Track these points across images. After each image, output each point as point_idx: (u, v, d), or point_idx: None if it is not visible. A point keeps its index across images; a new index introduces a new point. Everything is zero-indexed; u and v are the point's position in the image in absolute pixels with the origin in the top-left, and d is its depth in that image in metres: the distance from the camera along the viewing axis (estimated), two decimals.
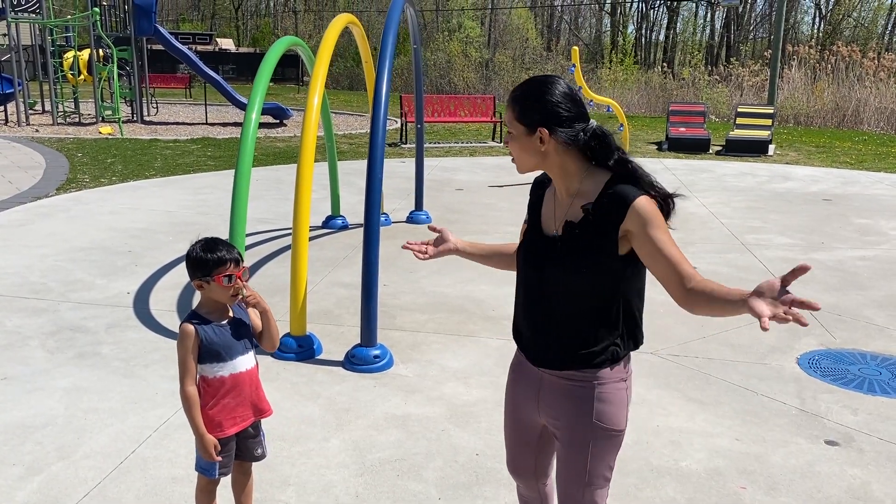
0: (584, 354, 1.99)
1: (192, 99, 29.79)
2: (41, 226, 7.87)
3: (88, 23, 17.47)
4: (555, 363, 2.04)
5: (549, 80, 1.97)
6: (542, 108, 1.93)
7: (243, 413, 2.58)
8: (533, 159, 2.01)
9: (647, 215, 1.89)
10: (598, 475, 2.06)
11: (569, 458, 2.07)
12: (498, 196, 10.27)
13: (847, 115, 21.60)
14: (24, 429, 3.63)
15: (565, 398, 2.05)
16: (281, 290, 5.81)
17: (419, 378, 4.33)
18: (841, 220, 9.00)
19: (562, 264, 1.98)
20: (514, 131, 2.00)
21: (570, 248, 1.97)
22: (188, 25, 59.24)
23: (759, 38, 46.18)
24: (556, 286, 2.00)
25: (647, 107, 26.64)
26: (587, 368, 2.00)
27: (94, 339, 4.83)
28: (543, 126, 1.94)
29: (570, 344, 2.00)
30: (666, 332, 5.13)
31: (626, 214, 1.90)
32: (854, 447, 3.62)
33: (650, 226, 1.89)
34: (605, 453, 2.05)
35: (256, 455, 2.71)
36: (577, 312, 1.99)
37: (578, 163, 1.99)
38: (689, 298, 1.86)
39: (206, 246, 2.47)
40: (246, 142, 4.86)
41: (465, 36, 38.85)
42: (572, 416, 2.04)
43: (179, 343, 2.47)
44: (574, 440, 2.05)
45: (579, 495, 2.08)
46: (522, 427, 2.24)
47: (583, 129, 1.96)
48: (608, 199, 1.93)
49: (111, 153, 13.53)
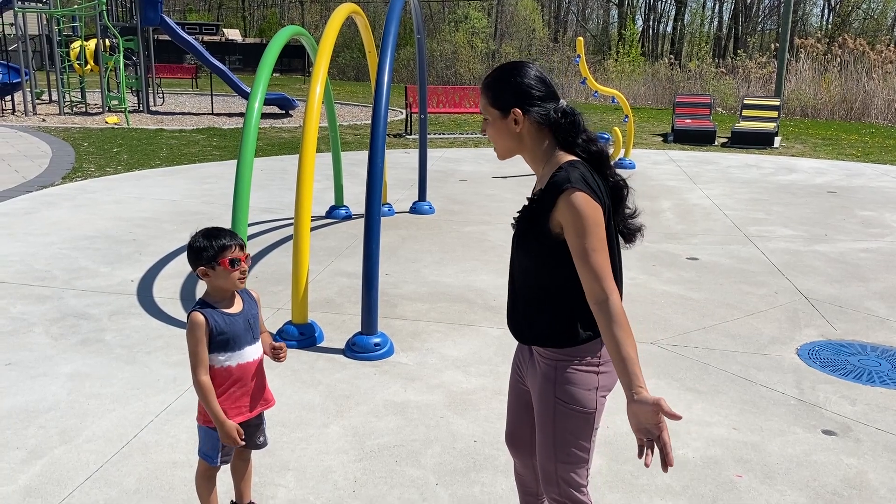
0: (537, 332, 2.09)
1: (198, 89, 29.84)
2: (47, 214, 7.92)
3: (95, 13, 17.49)
4: (518, 336, 2.18)
5: (519, 64, 2.06)
6: (515, 89, 2.02)
7: (248, 403, 2.59)
8: (509, 142, 2.08)
9: (573, 213, 1.91)
10: (568, 451, 2.09)
11: (539, 431, 2.14)
12: (501, 187, 10.28)
13: (854, 108, 21.50)
14: (28, 413, 3.68)
15: (536, 372, 2.14)
16: (284, 278, 5.85)
17: (419, 366, 4.36)
18: (845, 212, 8.98)
19: (516, 246, 2.11)
20: (489, 117, 2.08)
21: (520, 230, 2.08)
22: (195, 16, 59.22)
23: (767, 31, 45.93)
24: (515, 266, 2.15)
25: (654, 98, 26.55)
26: (550, 347, 2.07)
27: (98, 326, 4.87)
28: (517, 106, 2.02)
29: (526, 321, 2.12)
30: (666, 322, 5.14)
31: (556, 203, 1.95)
32: (851, 437, 3.63)
33: (573, 226, 1.92)
34: (572, 431, 2.07)
35: (258, 443, 2.74)
36: (531, 292, 2.09)
37: (548, 146, 2.06)
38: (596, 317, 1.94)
39: (207, 234, 2.49)
40: (249, 130, 4.88)
41: (472, 27, 38.77)
42: (539, 390, 2.12)
43: (190, 333, 2.44)
44: (540, 413, 2.12)
45: (552, 469, 2.13)
46: (520, 397, 2.33)
47: (553, 108, 2.03)
48: (548, 185, 1.99)
49: (117, 143, 13.57)
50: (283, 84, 33.26)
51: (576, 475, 2.12)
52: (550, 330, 2.06)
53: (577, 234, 1.91)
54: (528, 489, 2.48)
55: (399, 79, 32.96)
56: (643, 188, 10.31)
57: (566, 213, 1.92)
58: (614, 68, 29.31)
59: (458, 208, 8.76)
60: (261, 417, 2.71)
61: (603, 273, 1.90)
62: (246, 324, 2.53)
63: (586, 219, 1.90)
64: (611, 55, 32.97)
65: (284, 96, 19.68)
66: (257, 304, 2.64)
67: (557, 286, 2.04)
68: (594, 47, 43.77)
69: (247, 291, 2.62)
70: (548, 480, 2.16)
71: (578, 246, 1.92)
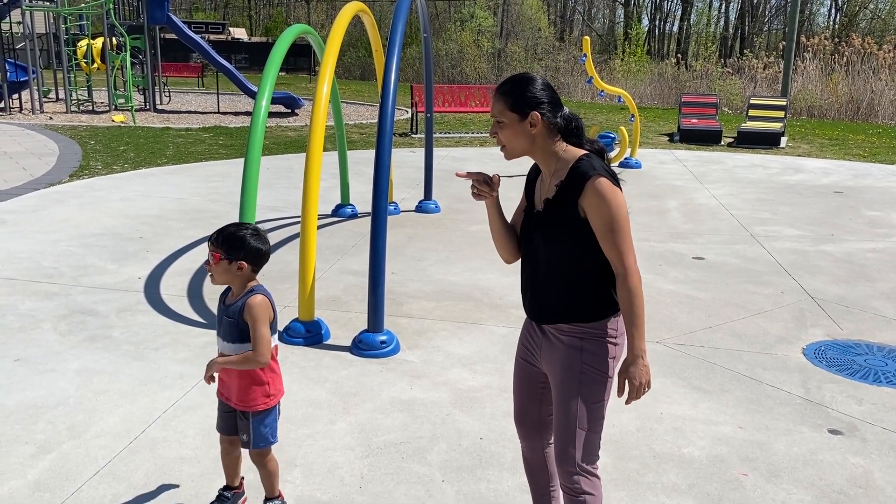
0: (562, 310, 2.29)
1: (205, 88, 29.89)
2: (54, 212, 7.95)
3: (102, 11, 17.55)
4: (542, 317, 2.36)
5: (530, 75, 2.31)
6: (532, 96, 2.24)
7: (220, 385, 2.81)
8: (524, 144, 2.28)
9: (599, 197, 2.15)
10: (591, 418, 2.29)
11: (561, 404, 2.31)
12: (507, 186, 10.23)
13: (861, 108, 21.41)
14: (37, 409, 3.70)
15: (556, 348, 2.33)
16: (291, 276, 5.86)
17: (425, 364, 4.37)
18: (851, 212, 8.96)
19: (542, 234, 2.29)
20: (505, 120, 2.26)
21: (547, 220, 2.28)
22: (201, 14, 59.33)
23: (773, 30, 45.79)
24: (539, 253, 2.32)
25: (660, 98, 26.50)
26: (573, 322, 2.28)
27: (105, 322, 4.89)
28: (535, 110, 2.23)
29: (551, 302, 2.31)
30: (672, 321, 5.14)
31: (583, 190, 2.18)
32: (857, 436, 3.63)
33: (599, 209, 2.15)
34: (595, 398, 2.29)
35: (241, 440, 2.85)
36: (556, 275, 2.29)
37: (558, 146, 2.29)
38: (618, 288, 2.22)
39: (263, 237, 2.70)
40: (256, 129, 4.90)
41: (478, 26, 38.76)
42: (562, 362, 2.31)
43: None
44: (565, 383, 2.30)
45: (571, 439, 2.29)
46: (529, 376, 2.49)
47: (561, 114, 2.28)
48: (572, 176, 2.21)
49: (124, 141, 13.62)
50: (289, 83, 33.30)
51: (594, 444, 2.31)
52: (579, 308, 2.27)
53: (604, 215, 2.15)
54: (537, 477, 2.60)
55: (405, 78, 32.92)
56: (649, 188, 10.30)
57: (593, 198, 2.15)
58: (620, 68, 29.26)
59: (464, 207, 8.77)
60: (243, 413, 2.73)
61: (627, 250, 2.17)
62: (220, 318, 2.69)
63: (611, 201, 2.15)
64: (617, 54, 32.91)
65: (291, 95, 19.71)
66: (246, 311, 2.62)
67: (586, 268, 2.25)
68: (600, 47, 43.72)
69: (246, 297, 2.65)
70: (565, 454, 2.30)
71: (605, 226, 2.16)
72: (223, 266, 2.61)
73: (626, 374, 2.24)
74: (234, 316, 2.62)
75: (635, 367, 2.22)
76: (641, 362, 2.22)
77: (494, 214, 2.43)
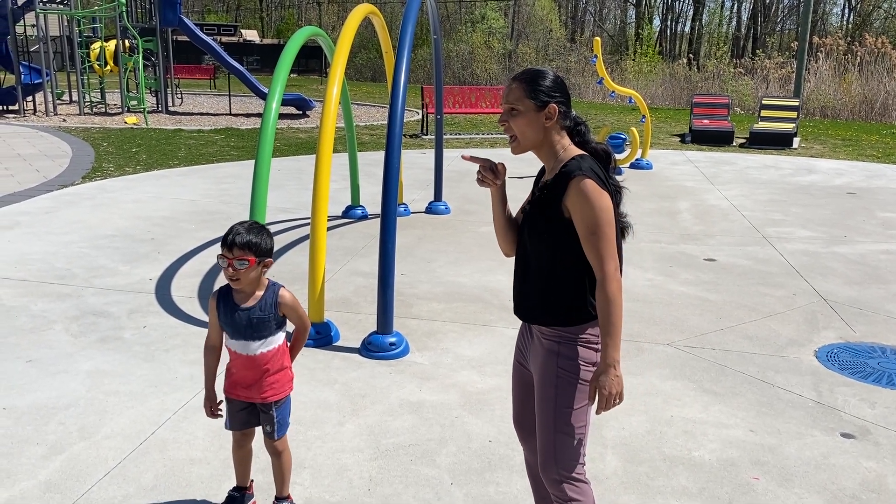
0: (545, 312, 2.25)
1: (217, 90, 30.04)
2: (67, 213, 8.00)
3: (115, 14, 17.66)
4: (524, 314, 2.33)
5: (546, 69, 2.28)
6: (550, 87, 2.21)
7: (230, 384, 2.88)
8: (536, 135, 2.23)
9: (582, 198, 2.10)
10: (567, 422, 2.24)
11: (540, 406, 2.28)
12: (516, 188, 10.22)
13: (875, 108, 21.24)
14: (48, 409, 3.72)
15: (539, 350, 2.31)
16: (300, 277, 5.87)
17: (434, 366, 4.36)
18: (865, 213, 8.89)
19: (530, 231, 2.27)
20: (521, 108, 2.21)
21: (534, 216, 2.25)
22: (213, 17, 59.60)
23: (786, 30, 45.53)
24: (527, 250, 2.30)
25: (672, 99, 26.39)
26: (556, 326, 2.24)
27: (117, 324, 4.92)
28: (554, 102, 2.20)
29: (531, 299, 2.28)
30: (682, 323, 5.11)
31: (567, 189, 2.14)
32: (870, 440, 3.60)
33: (581, 210, 2.10)
34: (571, 402, 2.24)
35: (265, 431, 2.86)
36: (540, 275, 2.25)
37: (560, 144, 2.26)
38: (596, 294, 2.16)
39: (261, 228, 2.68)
40: (266, 130, 4.91)
41: (488, 27, 38.74)
42: (541, 364, 2.28)
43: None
44: (542, 385, 2.27)
45: (550, 443, 2.26)
46: (523, 379, 2.47)
47: (570, 115, 2.27)
48: (559, 175, 2.18)
49: (136, 143, 13.69)
50: (300, 85, 33.41)
51: (573, 450, 2.26)
52: (556, 310, 2.23)
53: (586, 217, 2.10)
54: (538, 479, 2.58)
55: (415, 79, 32.96)
56: (660, 189, 10.26)
57: (576, 198, 2.11)
58: (631, 68, 29.17)
59: (474, 208, 8.76)
60: (266, 406, 2.76)
61: (607, 254, 2.10)
62: (248, 320, 2.65)
63: (595, 203, 2.09)
64: (628, 55, 32.81)
65: (301, 97, 19.78)
66: (283, 305, 2.69)
67: (565, 269, 2.21)
68: (611, 47, 43.60)
69: (274, 292, 2.69)
70: (546, 461, 2.27)
71: (586, 228, 2.11)
72: (256, 269, 2.60)
73: (597, 383, 2.18)
74: (268, 312, 2.65)
75: (606, 377, 2.15)
76: (613, 372, 2.15)
77: (498, 204, 2.40)
